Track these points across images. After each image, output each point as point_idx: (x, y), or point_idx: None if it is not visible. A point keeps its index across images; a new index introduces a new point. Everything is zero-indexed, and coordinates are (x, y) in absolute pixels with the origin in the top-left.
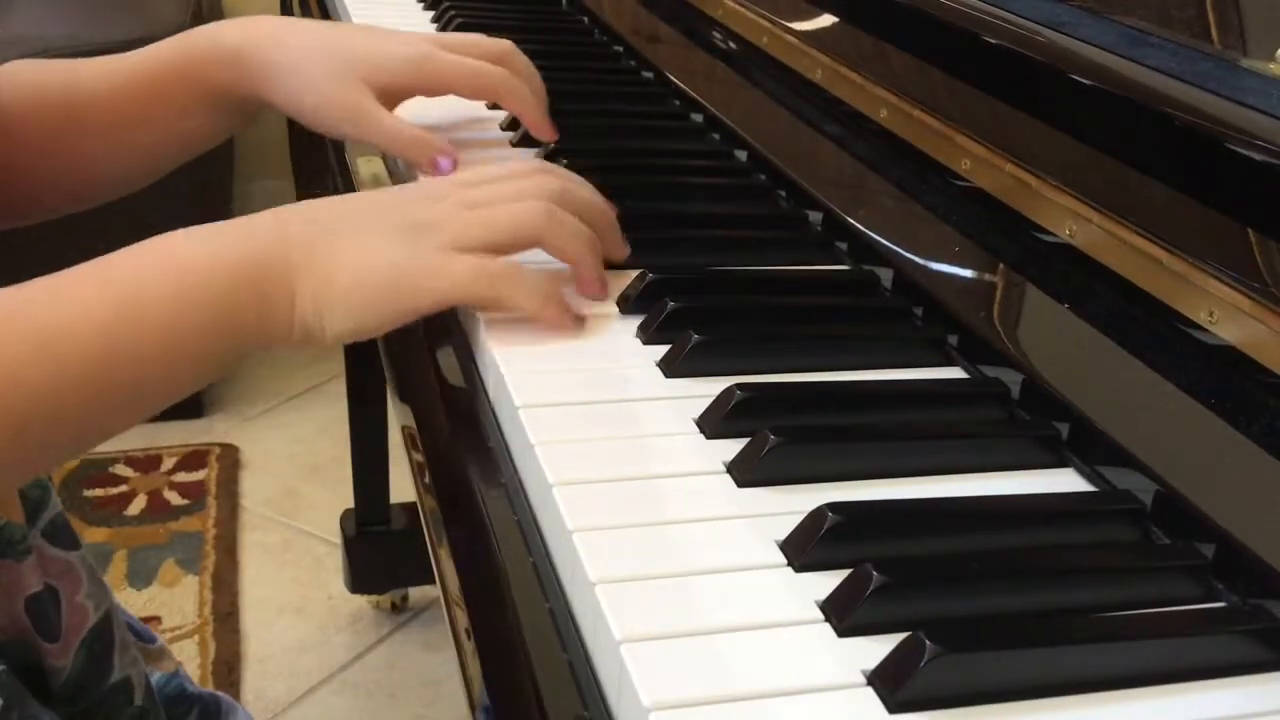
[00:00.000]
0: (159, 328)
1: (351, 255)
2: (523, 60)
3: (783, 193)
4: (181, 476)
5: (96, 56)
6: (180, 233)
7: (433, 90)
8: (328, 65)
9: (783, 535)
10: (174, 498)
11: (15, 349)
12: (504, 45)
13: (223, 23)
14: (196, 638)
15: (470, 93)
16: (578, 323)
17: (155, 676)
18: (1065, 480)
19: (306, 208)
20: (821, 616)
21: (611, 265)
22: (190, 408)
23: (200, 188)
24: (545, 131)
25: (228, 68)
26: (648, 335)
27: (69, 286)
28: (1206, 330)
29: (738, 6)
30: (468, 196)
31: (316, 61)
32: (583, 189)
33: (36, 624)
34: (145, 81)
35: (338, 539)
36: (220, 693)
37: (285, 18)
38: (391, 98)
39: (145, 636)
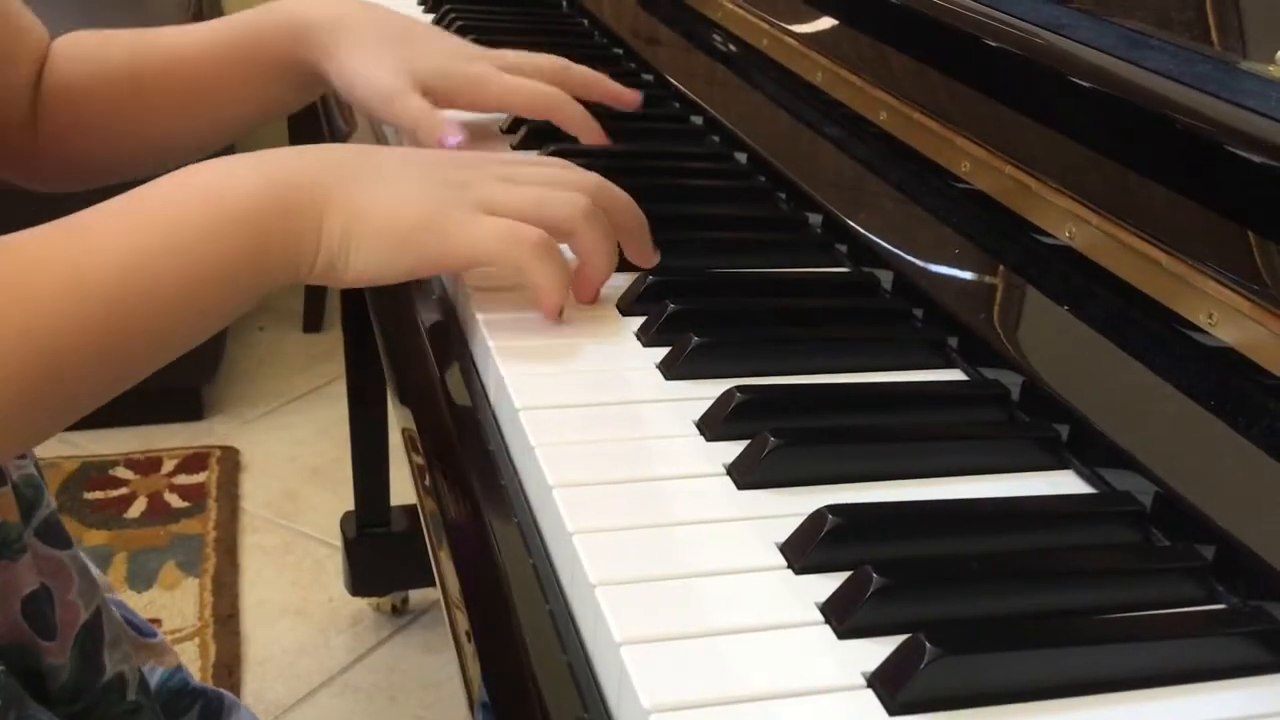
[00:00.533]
0: (185, 258)
1: (385, 195)
2: (579, 73)
3: (783, 195)
4: (182, 479)
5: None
6: (207, 164)
7: (485, 109)
8: (385, 49)
9: (783, 537)
10: (174, 500)
11: (42, 289)
12: (558, 63)
13: (304, 1)
14: (197, 640)
15: (525, 113)
16: (557, 315)
17: (157, 672)
18: (1065, 482)
19: (334, 149)
20: (822, 618)
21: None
22: (190, 410)
23: None
24: (601, 140)
25: (295, 42)
26: (648, 337)
27: (93, 224)
28: (1206, 332)
29: (737, 9)
30: (504, 171)
31: (376, 44)
32: (619, 191)
33: (33, 623)
34: (216, 53)
35: (338, 541)
36: (224, 690)
37: (369, 4)
38: (435, 99)
39: (145, 631)
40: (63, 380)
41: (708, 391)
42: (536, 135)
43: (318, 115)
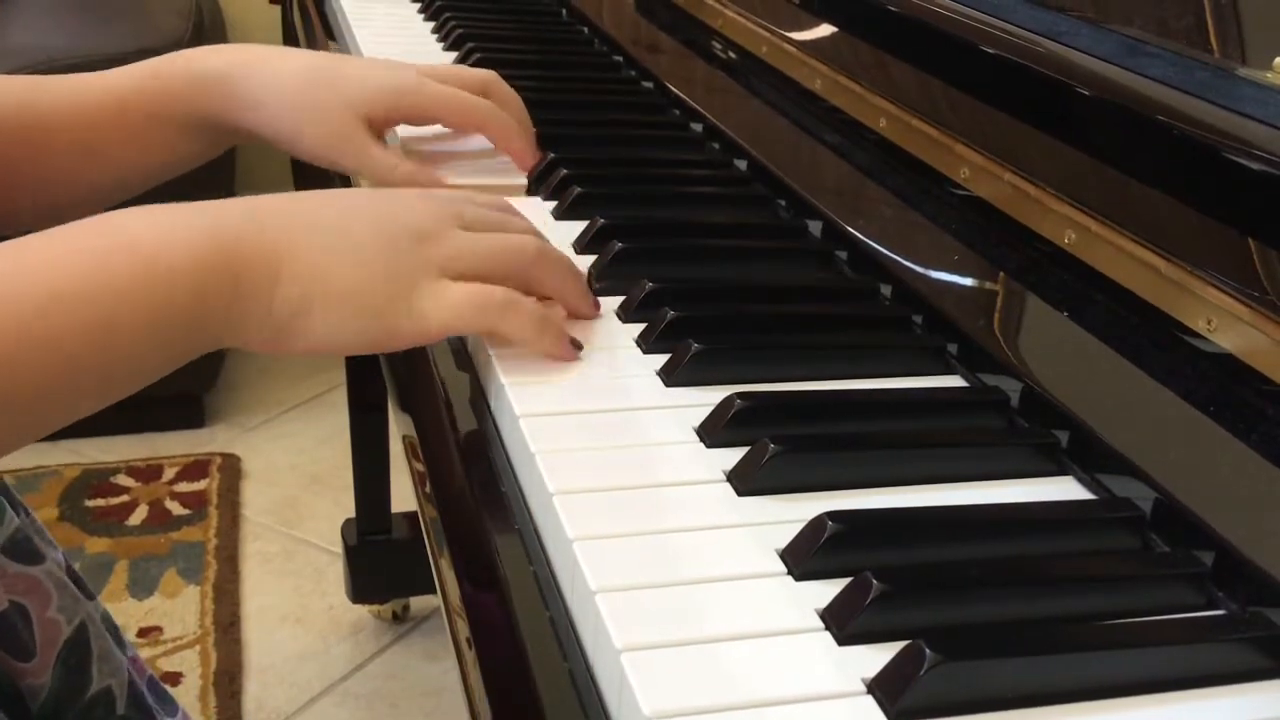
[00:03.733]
0: (105, 309)
1: (346, 262)
2: (506, 90)
3: (782, 202)
4: (183, 486)
5: (94, 69)
6: (150, 210)
7: (416, 120)
8: (314, 93)
9: (783, 544)
10: (175, 508)
11: None
12: (487, 75)
13: (199, 49)
14: (198, 648)
15: (456, 122)
16: (576, 351)
17: (146, 675)
18: (1065, 488)
19: (286, 200)
20: (821, 625)
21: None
22: (191, 417)
23: (202, 196)
24: (526, 162)
25: (208, 93)
26: (648, 344)
27: (12, 256)
28: (1205, 338)
29: (737, 16)
30: (463, 212)
31: (303, 89)
32: (558, 258)
33: (7, 645)
34: (117, 105)
35: (339, 548)
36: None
37: (265, 46)
38: (378, 126)
39: (165, 699)
40: None
41: (708, 398)
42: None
43: None
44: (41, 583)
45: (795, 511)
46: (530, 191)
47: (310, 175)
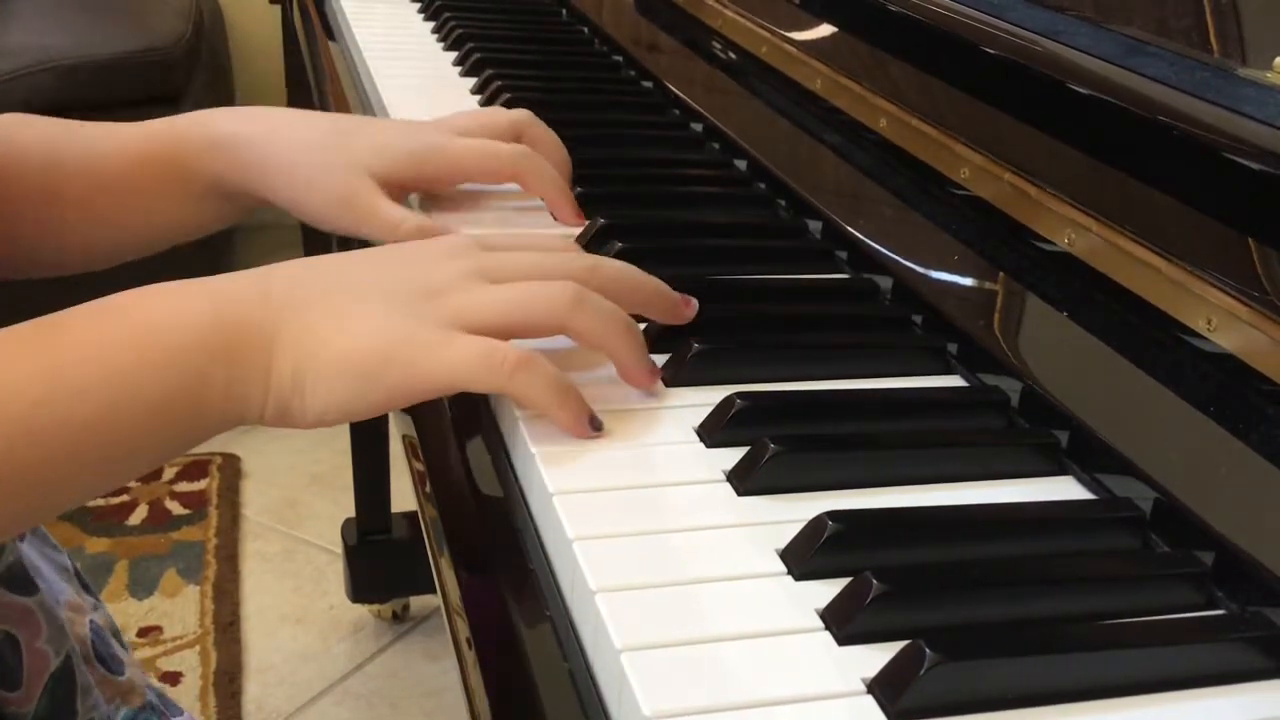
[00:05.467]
0: (105, 400)
1: (342, 326)
2: (542, 130)
3: (782, 202)
4: (183, 486)
5: (96, 69)
6: (149, 292)
7: (444, 183)
8: (325, 156)
9: (783, 544)
10: (175, 507)
11: None
12: (519, 117)
13: (217, 111)
14: (198, 648)
15: (485, 179)
16: (593, 427)
17: (121, 713)
18: (1065, 488)
19: (299, 267)
20: (821, 625)
21: None
22: None
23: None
24: (567, 215)
25: (223, 157)
26: (648, 344)
27: (6, 344)
28: (1205, 338)
29: (737, 16)
30: (486, 264)
31: (313, 152)
32: (616, 264)
33: None
34: (133, 164)
35: (339, 548)
36: (189, 713)
37: (286, 110)
38: (397, 190)
39: (114, 669)
40: None
41: (707, 398)
42: None
43: None
44: (34, 613)
45: (795, 511)
46: None
47: None
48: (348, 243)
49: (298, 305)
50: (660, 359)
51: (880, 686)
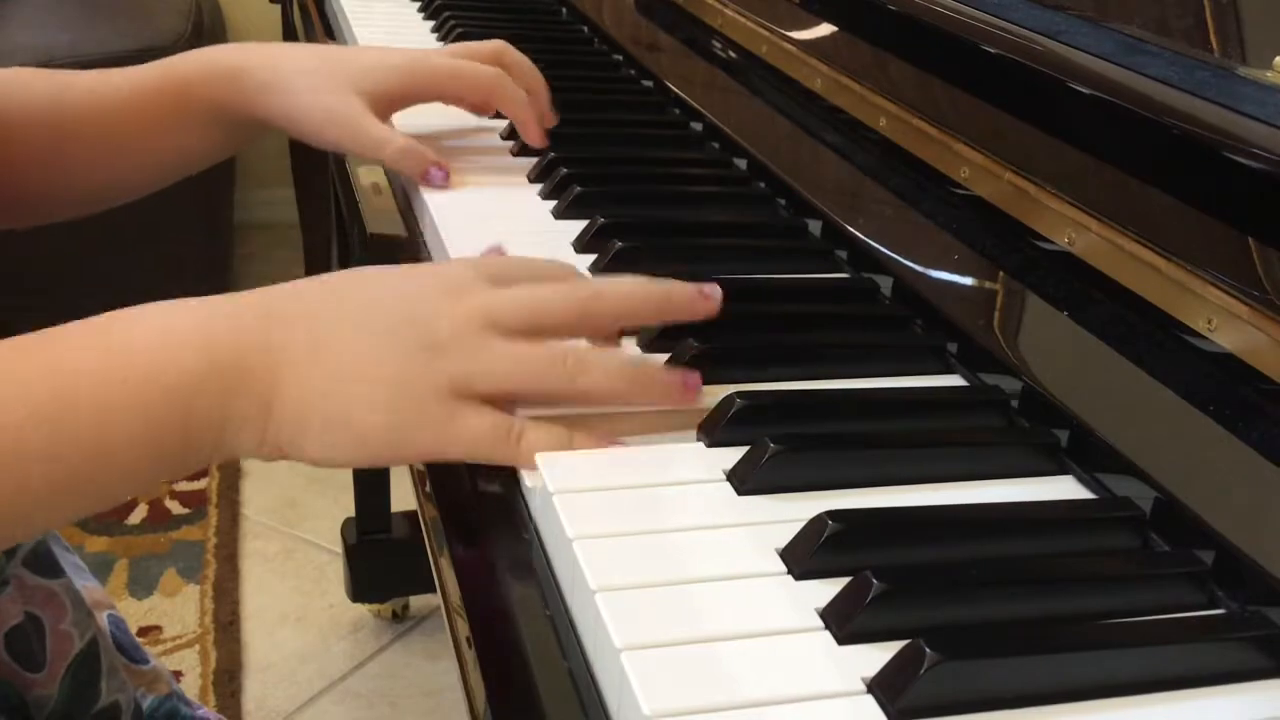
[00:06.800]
0: (91, 426)
1: (346, 381)
2: (517, 57)
3: (782, 201)
4: (182, 485)
5: (95, 68)
6: (141, 314)
7: (425, 95)
8: (319, 78)
9: (783, 543)
10: (175, 507)
11: None
12: (496, 44)
13: (217, 46)
14: (197, 647)
15: (463, 92)
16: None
17: (147, 700)
18: (1065, 487)
19: (299, 301)
20: (821, 624)
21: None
22: None
23: (204, 196)
24: (534, 136)
25: (224, 86)
26: (647, 344)
27: (15, 364)
28: (1205, 338)
29: (737, 15)
30: (490, 305)
31: (309, 75)
32: (620, 285)
33: (18, 656)
34: (138, 99)
35: (339, 548)
36: (215, 714)
37: (279, 43)
38: (385, 106)
39: (138, 658)
40: None
41: (707, 397)
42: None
43: None
44: (58, 595)
45: (795, 511)
46: (533, 181)
47: (308, 172)
48: (346, 255)
49: (301, 349)
50: (660, 358)
51: (880, 686)
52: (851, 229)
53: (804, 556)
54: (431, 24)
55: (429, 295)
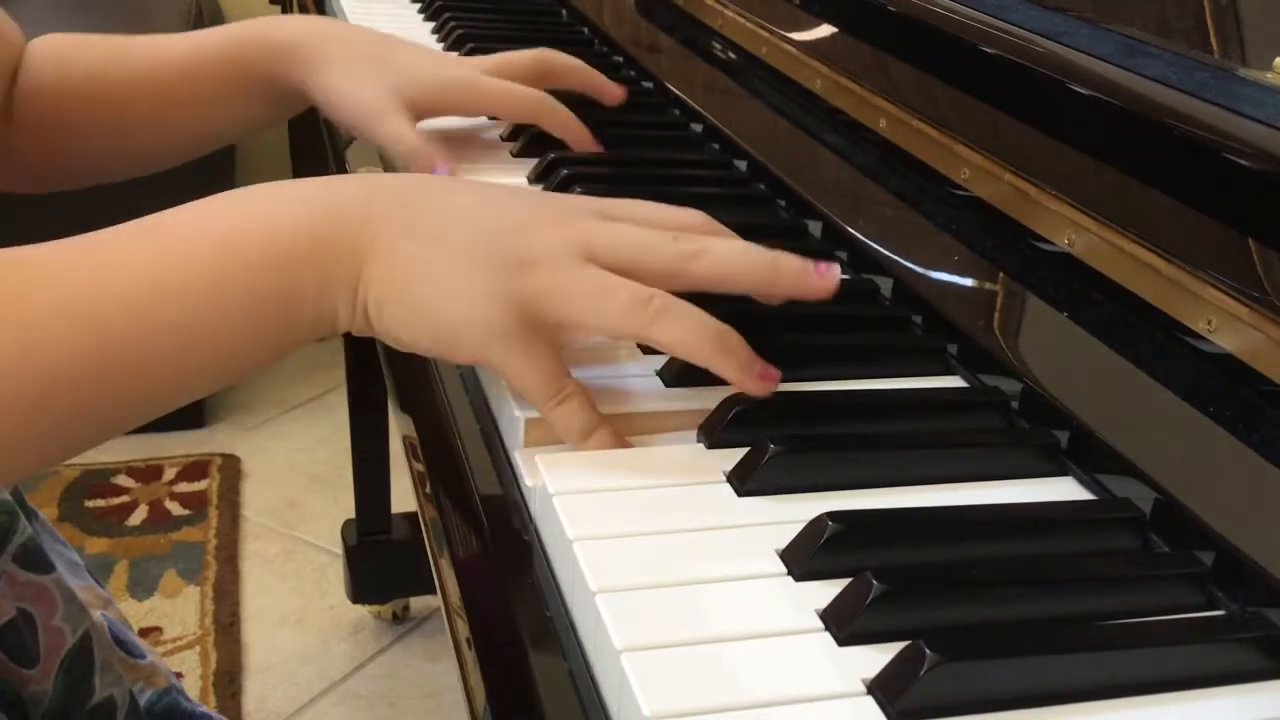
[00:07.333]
0: (197, 301)
1: (431, 274)
2: (565, 62)
3: (782, 202)
4: (183, 487)
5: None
6: (246, 193)
7: (469, 114)
8: (363, 69)
9: (783, 544)
10: (175, 508)
11: (41, 312)
12: (539, 55)
13: (280, 17)
14: (198, 648)
15: (508, 115)
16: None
17: (145, 695)
18: (1064, 488)
19: (407, 187)
20: (822, 625)
21: None
22: (191, 418)
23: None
24: (587, 145)
25: (280, 61)
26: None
27: (106, 246)
28: (1205, 339)
29: (737, 17)
30: (590, 238)
31: (356, 64)
32: (724, 248)
33: (11, 653)
34: (196, 68)
35: (339, 549)
36: (216, 713)
37: (334, 20)
38: (423, 111)
39: (135, 652)
40: (51, 413)
41: (707, 398)
42: (537, 142)
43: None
44: (49, 590)
45: (795, 512)
46: (533, 181)
47: (308, 167)
48: None
49: (396, 230)
50: (660, 360)
51: (880, 687)
52: (851, 230)
53: (804, 557)
54: (431, 25)
55: (534, 215)
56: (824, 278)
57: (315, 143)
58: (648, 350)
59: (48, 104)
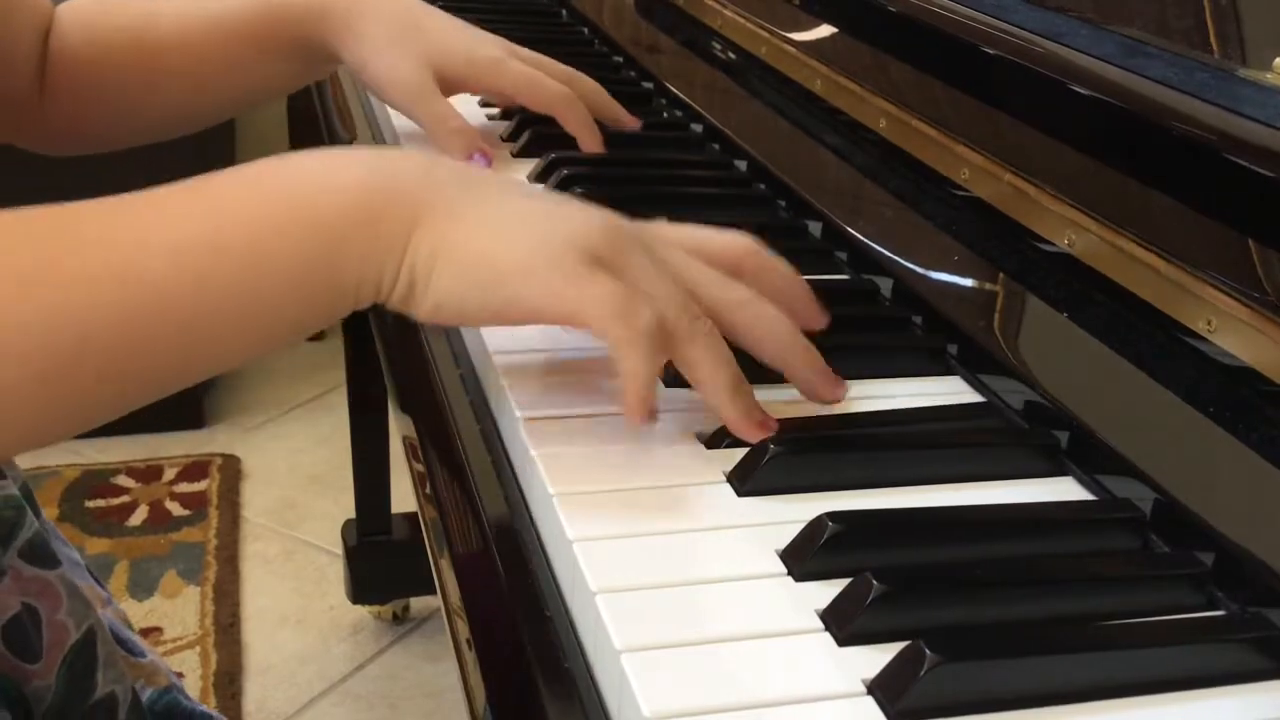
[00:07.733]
0: (246, 262)
1: (491, 228)
2: (589, 84)
3: (782, 202)
4: (183, 487)
5: None
6: (298, 158)
7: (495, 93)
8: (404, 39)
9: (783, 544)
10: (175, 508)
11: (79, 268)
12: (572, 71)
13: None
14: (198, 649)
15: (529, 102)
16: (649, 419)
17: (146, 693)
18: (1064, 489)
19: (463, 166)
20: (822, 626)
21: None
22: (191, 418)
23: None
24: (599, 149)
25: (313, 23)
26: None
27: (153, 205)
28: (1205, 339)
29: (737, 17)
30: (645, 236)
31: (395, 33)
32: (758, 315)
33: (15, 648)
34: (228, 28)
35: (339, 549)
36: (216, 713)
37: None
38: (453, 86)
39: (136, 651)
40: (82, 370)
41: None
42: (537, 142)
43: (316, 118)
44: (54, 585)
45: (795, 512)
46: (533, 181)
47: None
48: None
49: (455, 192)
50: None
51: (880, 687)
52: (851, 230)
53: (804, 558)
54: None
55: (590, 223)
56: (834, 394)
57: (314, 125)
58: None
59: (79, 67)
